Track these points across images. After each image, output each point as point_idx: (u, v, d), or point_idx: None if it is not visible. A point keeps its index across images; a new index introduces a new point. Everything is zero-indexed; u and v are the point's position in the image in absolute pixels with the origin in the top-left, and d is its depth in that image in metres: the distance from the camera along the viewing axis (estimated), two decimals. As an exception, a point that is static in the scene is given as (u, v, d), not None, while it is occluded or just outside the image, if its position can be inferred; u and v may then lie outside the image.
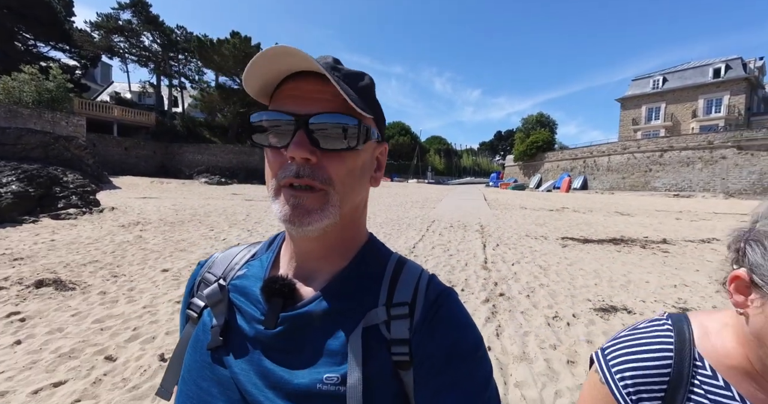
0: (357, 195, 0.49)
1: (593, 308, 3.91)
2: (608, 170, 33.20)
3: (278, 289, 0.47)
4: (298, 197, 0.44)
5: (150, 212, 9.38)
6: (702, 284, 4.87)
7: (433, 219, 10.81)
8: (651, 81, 38.33)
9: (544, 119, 49.94)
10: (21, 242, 5.67)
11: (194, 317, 0.53)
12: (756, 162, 24.61)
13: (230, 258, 0.57)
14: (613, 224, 10.79)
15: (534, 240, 7.84)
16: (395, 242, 7.15)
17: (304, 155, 0.42)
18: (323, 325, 0.46)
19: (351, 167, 0.46)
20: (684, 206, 17.61)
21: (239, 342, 0.47)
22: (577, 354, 2.91)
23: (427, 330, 0.45)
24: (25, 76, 22.02)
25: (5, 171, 7.94)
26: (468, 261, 5.79)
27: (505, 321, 3.50)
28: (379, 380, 0.43)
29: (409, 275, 0.50)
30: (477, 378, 0.44)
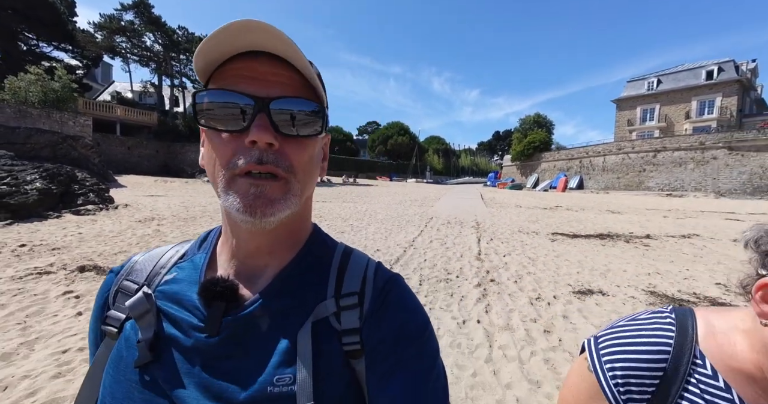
0: (313, 184, 0.48)
1: (572, 291, 4.43)
2: (603, 170, 33.83)
3: (219, 292, 0.43)
4: (259, 185, 0.41)
5: (162, 209, 9.86)
6: (673, 273, 5.40)
7: (431, 216, 11.33)
8: (646, 83, 38.99)
9: (541, 120, 50.57)
10: (52, 235, 6.15)
11: (113, 332, 0.47)
12: (746, 163, 25.26)
13: (153, 261, 0.52)
14: (602, 221, 11.34)
15: (526, 235, 8.37)
16: (395, 237, 7.66)
17: (268, 139, 0.40)
18: (270, 325, 0.44)
19: (311, 154, 0.45)
20: (673, 205, 18.20)
21: (173, 355, 0.43)
22: (554, 326, 3.42)
23: (377, 317, 0.45)
24: (31, 76, 22.40)
25: (28, 170, 8.40)
26: (463, 253, 6.30)
27: (493, 301, 4.02)
28: (331, 372, 0.42)
29: (357, 264, 0.50)
30: (424, 357, 0.45)
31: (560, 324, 3.48)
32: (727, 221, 11.81)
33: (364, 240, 7.13)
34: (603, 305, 4.00)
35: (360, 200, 16.49)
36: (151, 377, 0.42)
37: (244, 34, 0.39)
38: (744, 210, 15.62)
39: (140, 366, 0.42)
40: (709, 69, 34.66)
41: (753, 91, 37.05)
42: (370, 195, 20.08)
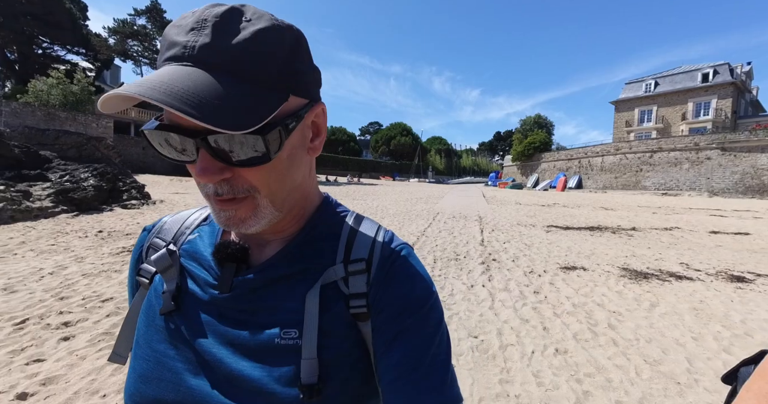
0: (291, 183, 0.45)
1: (559, 267, 5.42)
2: (602, 170, 34.77)
3: (231, 253, 0.46)
4: (226, 209, 0.42)
5: (193, 204, 10.85)
6: (647, 256, 6.38)
7: (437, 212, 12.32)
8: (643, 85, 39.92)
9: (541, 121, 51.58)
10: (116, 224, 7.16)
11: (145, 283, 0.52)
12: (738, 163, 26.19)
13: (180, 222, 0.56)
14: (594, 216, 12.32)
15: (523, 227, 9.36)
16: (408, 227, 8.65)
17: (214, 180, 0.38)
18: (279, 288, 0.46)
19: (274, 167, 0.41)
20: (665, 203, 19.16)
21: (193, 307, 0.47)
22: (542, 288, 4.41)
23: (383, 283, 0.47)
24: (52, 80, 23.47)
25: (80, 169, 9.42)
26: (468, 240, 7.29)
27: (495, 273, 5.01)
28: (336, 332, 0.45)
29: (366, 233, 0.51)
30: (429, 323, 0.46)
31: (547, 287, 4.47)
32: (710, 217, 12.76)
33: (381, 230, 8.13)
34: (583, 277, 4.99)
35: (369, 198, 17.48)
36: (174, 324, 0.47)
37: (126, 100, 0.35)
38: (730, 208, 16.56)
39: (165, 314, 0.47)
40: (704, 72, 35.58)
41: (748, 93, 37.93)
42: (376, 194, 21.07)
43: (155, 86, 0.33)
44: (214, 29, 0.36)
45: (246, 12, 0.38)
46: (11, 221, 6.54)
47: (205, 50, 0.35)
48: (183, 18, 0.38)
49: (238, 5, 0.39)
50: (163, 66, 0.37)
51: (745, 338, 3.20)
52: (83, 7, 36.01)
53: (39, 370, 2.34)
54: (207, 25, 0.36)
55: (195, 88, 0.34)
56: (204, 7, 0.38)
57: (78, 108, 23.12)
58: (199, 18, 0.37)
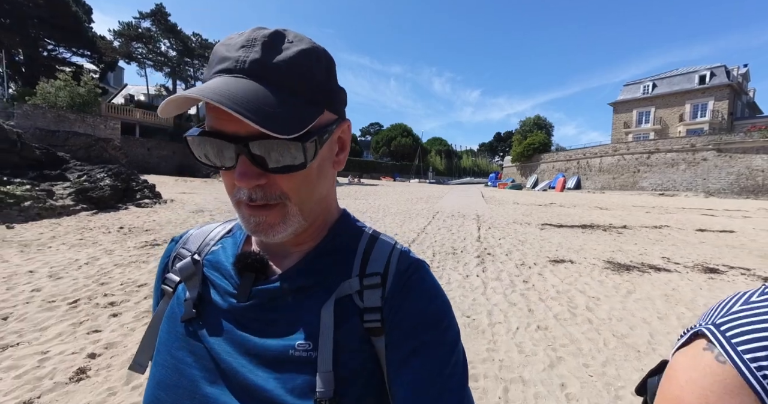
0: (319, 194, 0.48)
1: (549, 260, 5.86)
2: (600, 170, 35.19)
3: (250, 263, 0.48)
4: (257, 215, 0.44)
5: (202, 203, 11.31)
6: (632, 251, 6.82)
7: (437, 211, 12.77)
8: (641, 86, 40.37)
9: (540, 122, 52.01)
10: (133, 221, 7.61)
11: (169, 291, 0.54)
12: (734, 164, 26.60)
13: (205, 234, 0.59)
14: (588, 215, 12.76)
15: (519, 225, 9.80)
16: (409, 225, 9.10)
17: (250, 184, 0.41)
18: (295, 298, 0.47)
19: (305, 175, 0.44)
20: (661, 203, 19.58)
21: (212, 315, 0.48)
22: (530, 278, 4.84)
23: (398, 298, 0.47)
24: (60, 82, 23.96)
25: (95, 169, 9.88)
26: (466, 237, 7.74)
27: (488, 265, 5.45)
28: (351, 345, 0.45)
29: (382, 247, 0.52)
30: (445, 342, 0.46)
31: (535, 277, 4.91)
32: (701, 217, 13.19)
33: (383, 227, 8.57)
34: (569, 268, 5.43)
35: (370, 198, 17.92)
36: (194, 330, 0.48)
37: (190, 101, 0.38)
38: (722, 208, 16.99)
39: (185, 321, 0.49)
40: (701, 74, 36.01)
41: (745, 95, 38.35)
42: (378, 194, 21.52)
43: (216, 92, 0.37)
44: (263, 47, 0.41)
45: (288, 35, 0.43)
46: (38, 217, 6.99)
47: (256, 65, 0.40)
48: (231, 38, 0.43)
49: (281, 29, 0.44)
50: (214, 77, 0.41)
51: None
52: (88, 9, 36.59)
53: (99, 338, 2.79)
54: (257, 44, 0.41)
55: (249, 95, 0.38)
56: (251, 29, 0.43)
57: (84, 109, 23.63)
58: (248, 37, 0.41)
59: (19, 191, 7.03)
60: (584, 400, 2.29)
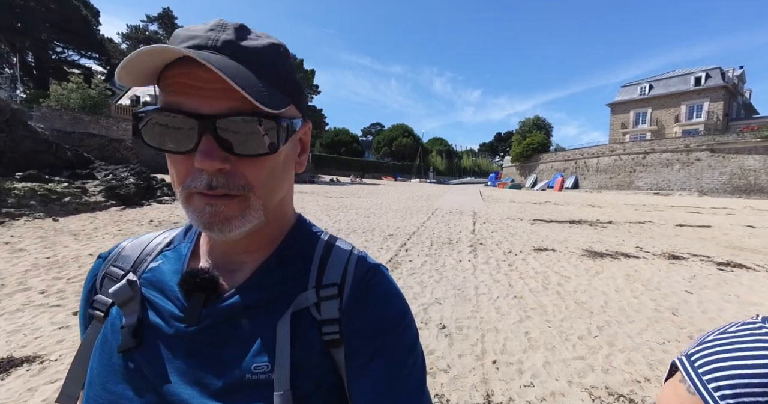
0: (281, 191, 0.46)
1: (533, 249, 6.62)
2: (597, 170, 35.88)
3: (199, 283, 0.44)
4: (213, 205, 0.39)
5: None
6: (611, 242, 7.56)
7: (436, 208, 13.53)
8: (638, 88, 41.05)
9: (540, 122, 52.70)
10: (159, 215, 8.39)
11: (99, 316, 0.48)
12: (726, 164, 27.29)
13: (141, 248, 0.52)
14: (579, 212, 13.50)
15: (512, 221, 10.55)
16: (410, 220, 9.86)
17: (215, 166, 0.37)
18: (250, 316, 0.44)
19: (272, 166, 0.42)
20: (653, 202, 20.30)
21: (155, 342, 0.44)
22: (515, 263, 5.60)
23: (356, 307, 0.46)
24: (72, 85, 24.80)
25: (119, 169, 10.67)
26: (461, 230, 8.50)
27: (479, 252, 6.21)
28: (309, 361, 0.43)
29: (339, 255, 0.50)
30: (403, 344, 0.45)
31: (519, 262, 5.67)
32: (687, 214, 13.92)
33: (386, 221, 9.35)
34: (551, 255, 6.18)
35: (373, 196, 18.69)
36: (135, 362, 0.43)
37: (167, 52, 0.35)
38: (709, 206, 17.70)
39: (124, 351, 0.43)
40: (697, 75, 36.67)
41: (740, 96, 38.99)
42: (380, 193, 22.28)
43: (197, 54, 0.34)
44: (235, 32, 0.39)
45: (252, 30, 0.42)
46: (75, 212, 7.78)
47: (230, 45, 0.38)
48: (193, 25, 0.41)
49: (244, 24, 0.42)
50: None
51: (653, 291, 4.39)
52: (95, 12, 37.50)
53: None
54: (228, 28, 0.39)
55: (229, 67, 0.35)
56: (216, 19, 0.41)
57: (95, 111, 24.46)
58: (217, 23, 0.40)
59: (60, 188, 7.81)
60: (540, 341, 3.05)
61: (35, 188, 7.25)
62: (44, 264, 4.45)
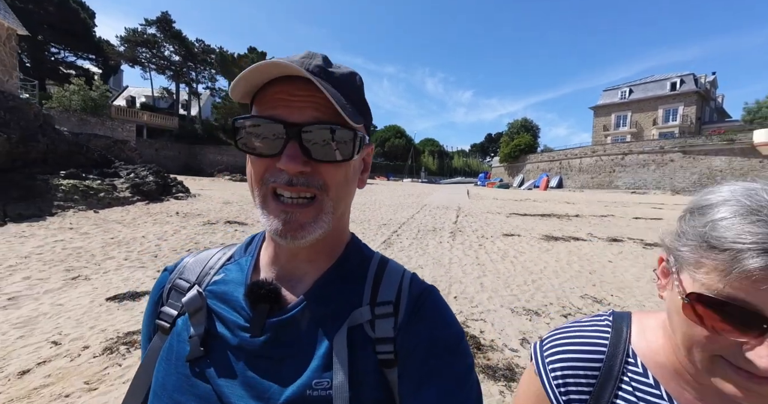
0: (348, 200, 0.49)
1: (502, 234, 8.01)
2: (580, 170, 37.73)
3: (264, 294, 0.46)
4: (288, 212, 0.43)
5: (226, 197, 13.25)
6: (569, 229, 9.00)
7: (425, 204, 14.90)
8: (619, 92, 43.11)
9: (527, 124, 54.57)
10: (181, 208, 9.56)
11: (165, 327, 0.50)
12: (696, 165, 29.29)
13: (204, 262, 0.55)
14: (553, 208, 15.00)
15: (491, 214, 11.96)
16: (400, 213, 11.19)
17: (296, 168, 0.42)
18: (310, 329, 0.46)
19: (345, 173, 0.46)
20: (626, 199, 21.99)
21: (221, 352, 0.45)
22: (485, 243, 6.96)
23: (411, 327, 0.46)
24: (74, 87, 25.58)
25: (138, 168, 11.78)
26: (445, 221, 9.86)
27: (457, 237, 7.56)
28: (365, 379, 0.44)
29: (393, 274, 0.51)
30: (458, 369, 0.45)
31: (488, 243, 7.04)
32: (649, 209, 15.52)
33: (380, 215, 10.66)
34: (515, 239, 7.56)
35: (367, 194, 19.97)
36: (201, 371, 0.44)
37: (274, 68, 0.42)
38: (673, 203, 19.43)
39: (191, 360, 0.45)
40: (672, 81, 38.80)
41: (712, 101, 41.30)
42: (374, 191, 23.57)
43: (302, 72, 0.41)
44: (323, 60, 0.46)
45: (334, 62, 0.49)
46: (109, 205, 8.92)
47: (321, 70, 0.44)
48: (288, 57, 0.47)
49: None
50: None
51: (584, 261, 5.79)
52: (91, 14, 38.04)
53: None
54: (317, 57, 0.46)
55: (325, 84, 0.42)
56: (305, 51, 0.48)
57: (96, 112, 25.28)
58: (307, 54, 0.46)
59: (95, 185, 8.95)
60: (489, 287, 4.39)
61: (77, 185, 8.38)
62: (112, 242, 5.67)
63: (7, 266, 4.27)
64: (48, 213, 7.23)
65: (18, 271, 4.14)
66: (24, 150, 7.79)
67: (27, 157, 7.90)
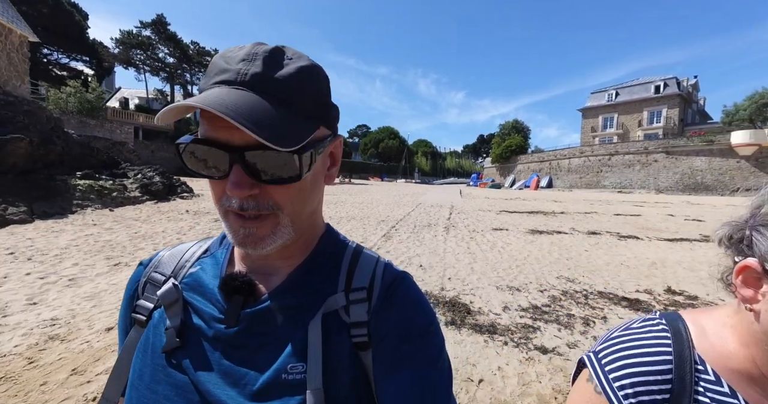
0: (310, 206, 0.49)
1: (491, 229, 8.71)
2: (569, 171, 38.86)
3: (238, 286, 0.47)
4: (247, 227, 0.43)
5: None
6: (553, 225, 9.74)
7: (420, 202, 15.58)
8: (606, 95, 44.47)
9: (518, 125, 55.75)
10: (190, 207, 10.07)
11: (141, 320, 0.51)
12: (679, 165, 30.53)
13: (179, 255, 0.56)
14: (541, 205, 15.81)
15: (482, 212, 12.68)
16: (397, 211, 11.83)
17: (244, 194, 0.41)
18: (284, 318, 0.47)
19: (299, 187, 0.45)
20: (610, 198, 22.96)
21: (197, 343, 0.47)
22: (476, 236, 7.64)
23: (384, 311, 0.48)
24: (70, 89, 25.76)
25: (144, 169, 12.24)
26: (439, 218, 10.53)
27: (451, 231, 8.24)
28: (340, 363, 0.45)
29: (366, 262, 0.53)
30: (430, 350, 0.47)
31: (479, 236, 7.72)
32: (632, 207, 16.43)
33: (378, 212, 11.29)
34: (503, 232, 8.26)
35: (363, 194, 20.60)
36: (177, 362, 0.46)
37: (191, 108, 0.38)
38: (653, 201, 20.44)
39: (167, 352, 0.46)
40: (656, 84, 40.22)
41: (695, 103, 42.87)
42: (369, 191, 24.21)
43: (218, 101, 0.37)
44: (264, 62, 0.41)
45: (287, 51, 0.44)
46: (122, 204, 9.40)
47: (257, 78, 0.41)
48: (230, 51, 0.43)
49: (280, 45, 0.45)
50: (213, 88, 0.41)
51: (563, 250, 6.50)
52: (84, 15, 38.05)
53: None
54: (258, 58, 0.41)
55: (250, 106, 0.38)
56: (252, 44, 0.44)
57: (92, 114, 25.48)
58: (249, 52, 0.42)
59: (108, 185, 9.43)
60: (479, 271, 5.05)
61: (92, 185, 8.86)
62: (137, 236, 6.21)
63: (54, 255, 4.80)
64: (69, 211, 7.72)
65: (65, 259, 4.68)
66: (43, 152, 8.24)
67: (46, 159, 8.35)
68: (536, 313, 3.54)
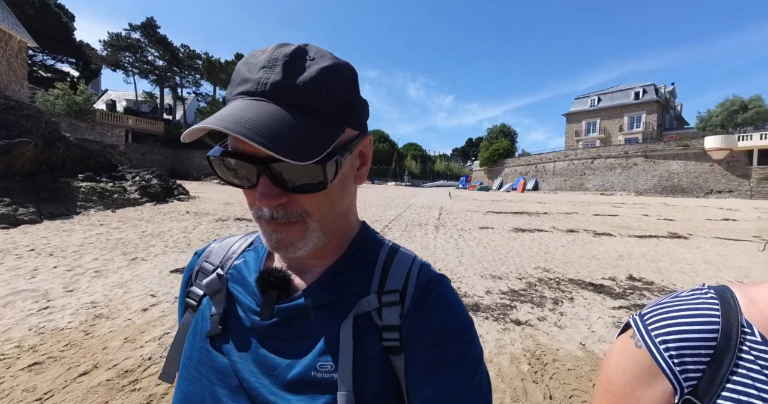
0: (340, 209, 0.49)
1: (478, 227, 9.30)
2: (554, 174, 40.08)
3: (273, 281, 0.48)
4: (278, 232, 0.44)
5: (223, 199, 14.06)
6: (535, 224, 10.39)
7: (411, 204, 16.14)
8: (589, 100, 46.08)
9: (506, 129, 57.14)
10: (189, 208, 10.38)
11: (193, 305, 0.55)
12: (657, 168, 31.93)
13: (227, 247, 0.59)
14: (526, 206, 16.55)
15: (470, 212, 13.30)
16: (389, 212, 12.35)
17: (271, 205, 0.42)
18: (316, 316, 0.48)
19: (326, 193, 0.44)
20: (592, 200, 23.97)
21: (237, 331, 0.49)
22: (463, 234, 8.20)
23: (417, 315, 0.47)
24: (58, 91, 25.60)
25: (141, 172, 12.48)
26: (429, 218, 11.09)
27: (441, 230, 8.79)
28: (370, 365, 0.45)
29: (401, 262, 0.51)
30: (467, 358, 0.45)
31: (466, 234, 8.29)
32: (611, 207, 17.32)
33: (371, 213, 11.79)
34: (489, 231, 8.86)
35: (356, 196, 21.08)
36: (219, 346, 0.49)
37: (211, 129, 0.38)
38: (632, 202, 21.49)
39: (210, 337, 0.50)
40: (636, 90, 41.94)
41: (672, 109, 44.79)
42: (360, 193, 24.63)
43: (235, 119, 0.37)
44: (284, 68, 0.41)
45: (309, 51, 0.43)
46: (122, 206, 9.67)
47: (277, 87, 0.40)
48: (253, 56, 0.43)
49: (302, 45, 0.44)
50: (236, 99, 0.41)
51: (543, 246, 7.11)
52: (71, 17, 37.70)
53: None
54: (278, 64, 0.41)
55: (268, 120, 0.38)
56: (273, 47, 0.43)
57: (81, 117, 25.34)
58: (270, 57, 0.41)
59: (109, 187, 9.69)
60: (465, 263, 5.60)
61: (94, 187, 9.12)
62: (145, 235, 6.56)
63: (72, 252, 5.15)
64: (74, 212, 7.98)
65: (84, 255, 5.04)
66: (47, 155, 8.46)
67: (50, 162, 8.57)
68: (514, 296, 4.10)
